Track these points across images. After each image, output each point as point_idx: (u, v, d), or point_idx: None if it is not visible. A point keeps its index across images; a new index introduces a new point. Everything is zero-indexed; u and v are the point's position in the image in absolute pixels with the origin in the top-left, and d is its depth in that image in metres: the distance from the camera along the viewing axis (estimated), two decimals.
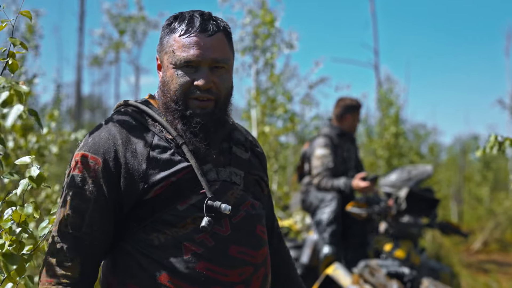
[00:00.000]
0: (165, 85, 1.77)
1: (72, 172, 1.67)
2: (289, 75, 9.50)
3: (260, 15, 6.49)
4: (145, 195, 1.66)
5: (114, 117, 1.78)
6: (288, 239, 5.60)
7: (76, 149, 1.74)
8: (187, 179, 1.70)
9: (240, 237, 1.72)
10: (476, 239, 11.90)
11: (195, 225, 1.66)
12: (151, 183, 1.66)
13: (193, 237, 1.66)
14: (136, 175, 1.67)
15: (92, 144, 1.69)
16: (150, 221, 1.67)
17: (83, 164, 1.67)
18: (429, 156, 14.16)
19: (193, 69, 1.73)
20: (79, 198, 1.64)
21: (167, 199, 1.67)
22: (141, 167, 1.68)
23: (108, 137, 1.70)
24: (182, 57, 1.72)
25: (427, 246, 9.23)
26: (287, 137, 9.55)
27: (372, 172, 10.26)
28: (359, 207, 4.85)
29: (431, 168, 5.23)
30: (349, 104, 5.31)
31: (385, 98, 10.18)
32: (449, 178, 15.78)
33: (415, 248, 4.80)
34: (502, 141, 2.63)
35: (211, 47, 1.73)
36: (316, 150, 5.20)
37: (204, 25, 1.74)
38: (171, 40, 1.75)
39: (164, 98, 1.77)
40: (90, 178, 1.66)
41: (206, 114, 1.74)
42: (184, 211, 1.67)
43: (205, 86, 1.72)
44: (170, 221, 1.66)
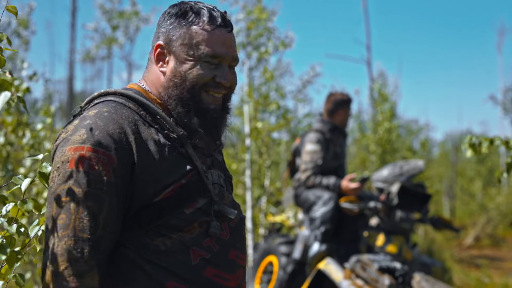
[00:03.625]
0: (177, 76, 1.68)
1: (79, 168, 1.50)
2: (282, 72, 9.52)
3: (254, 12, 6.49)
4: (155, 197, 1.57)
5: (111, 108, 1.62)
6: (281, 235, 5.61)
7: (67, 140, 1.54)
8: (193, 182, 1.63)
9: (236, 241, 1.71)
10: (468, 234, 11.95)
11: (201, 229, 1.62)
12: (162, 185, 1.58)
13: (200, 242, 1.61)
14: (149, 175, 1.57)
15: (101, 138, 1.53)
16: (155, 225, 1.58)
17: (95, 161, 1.51)
18: (421, 151, 14.20)
19: (214, 65, 1.68)
20: (93, 199, 1.49)
21: (175, 203, 1.59)
22: (153, 167, 1.58)
23: (119, 131, 1.56)
24: (207, 51, 1.66)
25: (419, 241, 9.27)
26: (279, 134, 9.56)
27: (364, 168, 10.28)
28: (351, 202, 4.86)
29: (423, 164, 5.25)
30: (340, 99, 5.33)
31: (379, 94, 10.19)
32: (441, 173, 15.83)
33: (407, 243, 4.82)
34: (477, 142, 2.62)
35: (231, 44, 1.71)
36: (307, 146, 5.21)
37: (225, 20, 1.71)
38: (192, 31, 1.67)
39: (177, 89, 1.68)
40: (104, 177, 1.51)
41: (218, 110, 1.71)
42: (191, 215, 1.60)
43: (227, 83, 1.70)
44: (177, 225, 1.59)
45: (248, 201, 6.31)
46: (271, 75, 7.00)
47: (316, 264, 4.88)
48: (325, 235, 4.91)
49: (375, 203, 4.80)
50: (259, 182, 7.10)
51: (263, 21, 6.51)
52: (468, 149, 2.62)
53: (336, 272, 4.67)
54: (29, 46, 8.80)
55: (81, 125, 1.56)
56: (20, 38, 8.54)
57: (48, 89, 11.80)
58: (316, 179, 5.07)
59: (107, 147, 1.52)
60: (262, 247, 5.57)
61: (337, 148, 5.33)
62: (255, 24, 6.49)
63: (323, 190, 5.05)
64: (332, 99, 5.37)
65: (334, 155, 5.30)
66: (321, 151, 5.15)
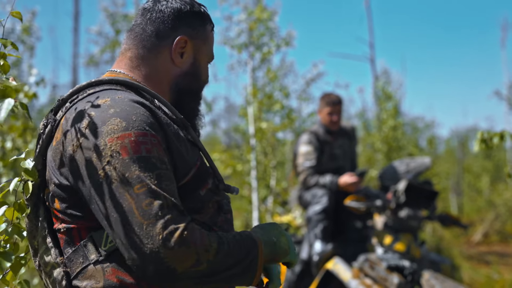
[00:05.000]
0: (195, 73, 1.79)
1: (138, 153, 1.43)
2: (286, 71, 9.50)
3: (255, 12, 6.47)
4: (181, 180, 1.55)
5: (120, 93, 1.56)
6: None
7: (100, 133, 1.44)
8: (202, 164, 1.64)
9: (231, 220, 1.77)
10: (476, 231, 11.90)
11: (214, 209, 1.65)
12: (188, 168, 1.57)
13: (216, 221, 1.65)
14: (180, 157, 1.55)
15: (141, 121, 1.48)
16: None
17: (149, 144, 1.46)
18: (428, 148, 14.16)
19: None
20: (166, 179, 1.45)
21: (193, 185, 1.59)
22: (178, 149, 1.55)
23: (148, 115, 1.51)
24: (212, 54, 1.83)
25: (427, 238, 9.23)
26: (284, 133, 9.55)
27: (370, 166, 10.26)
28: (358, 201, 4.84)
29: (429, 160, 5.23)
30: (325, 98, 5.33)
31: (382, 91, 10.17)
32: (448, 170, 15.78)
33: (415, 241, 4.79)
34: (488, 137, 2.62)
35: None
36: (300, 147, 5.24)
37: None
38: (208, 32, 1.81)
39: (192, 84, 1.78)
40: (163, 157, 1.47)
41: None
42: (205, 196, 1.62)
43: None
44: (195, 207, 1.59)
45: (254, 201, 6.29)
46: (275, 75, 6.99)
47: (323, 265, 4.86)
48: (324, 232, 4.90)
49: (382, 201, 4.78)
50: (265, 182, 7.08)
51: (264, 21, 6.50)
52: (480, 144, 2.61)
53: (345, 271, 4.65)
54: (34, 52, 8.81)
55: (108, 115, 1.47)
56: (24, 44, 8.54)
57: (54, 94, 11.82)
58: (312, 179, 5.08)
59: (151, 128, 1.48)
60: None
61: (335, 149, 5.31)
62: (257, 24, 6.48)
63: (320, 189, 5.05)
64: (320, 99, 5.41)
65: (331, 156, 5.29)
66: (314, 152, 5.15)
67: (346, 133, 5.45)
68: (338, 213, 5.14)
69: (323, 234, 4.89)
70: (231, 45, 6.65)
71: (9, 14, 1.61)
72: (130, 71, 1.72)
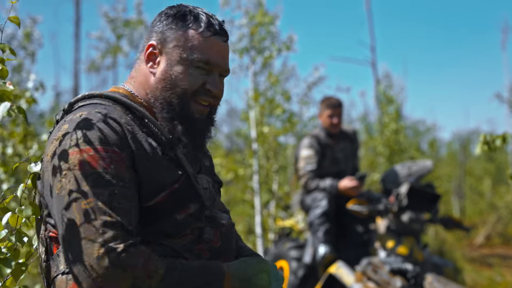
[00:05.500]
0: (167, 80, 1.64)
1: (93, 169, 1.43)
2: (288, 75, 9.50)
3: (257, 16, 6.48)
4: (149, 201, 1.52)
5: (102, 109, 1.56)
6: (290, 239, 5.59)
7: (66, 145, 1.47)
8: (184, 187, 1.59)
9: (227, 248, 1.68)
10: (478, 234, 11.89)
11: (193, 236, 1.58)
12: (157, 189, 1.53)
13: (192, 249, 1.58)
14: (145, 177, 1.52)
15: (105, 136, 1.48)
16: (145, 231, 1.53)
17: (108, 160, 1.45)
18: (429, 151, 14.15)
19: (205, 72, 1.65)
20: (118, 197, 1.43)
21: (168, 208, 1.55)
22: (149, 168, 1.53)
23: (118, 130, 1.51)
24: (201, 57, 1.63)
25: (430, 241, 9.22)
26: (286, 137, 9.55)
27: (372, 170, 10.26)
28: (360, 205, 4.84)
29: (431, 164, 5.23)
30: (325, 102, 5.35)
31: (384, 95, 10.17)
32: (450, 173, 15.76)
33: (417, 244, 4.79)
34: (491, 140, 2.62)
35: (225, 54, 1.70)
36: (301, 151, 5.25)
37: (222, 30, 1.69)
38: (189, 35, 1.64)
39: (165, 93, 1.64)
40: (121, 173, 1.46)
41: (203, 120, 1.68)
42: (182, 221, 1.56)
43: (217, 92, 1.67)
44: (168, 231, 1.55)
45: (256, 206, 6.29)
46: (276, 79, 6.99)
47: (326, 268, 4.86)
48: (326, 235, 4.90)
49: (384, 204, 4.78)
50: (267, 187, 7.08)
51: (266, 25, 6.51)
52: (482, 146, 2.61)
53: (347, 275, 4.65)
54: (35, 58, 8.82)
55: (78, 127, 1.49)
56: (25, 50, 8.56)
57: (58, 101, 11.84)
58: (313, 183, 5.08)
59: (114, 144, 1.48)
60: (272, 252, 5.56)
61: (336, 153, 5.32)
62: (258, 28, 6.49)
63: (320, 193, 5.05)
64: (320, 102, 5.43)
65: (333, 160, 5.30)
66: (315, 156, 5.16)
67: (347, 136, 5.45)
68: (340, 217, 5.14)
69: (326, 237, 4.89)
70: (233, 49, 6.66)
71: (7, 19, 1.62)
72: (131, 84, 1.72)
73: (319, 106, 5.48)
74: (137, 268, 1.39)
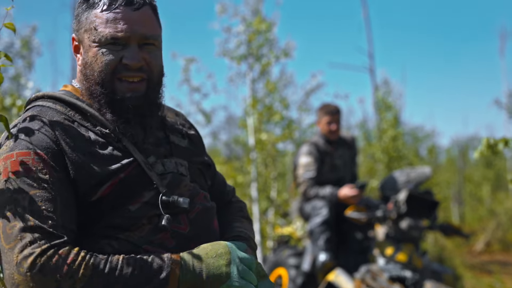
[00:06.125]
0: (87, 67, 1.57)
1: (16, 175, 1.40)
2: (286, 82, 9.50)
3: (254, 23, 6.49)
4: (92, 195, 1.47)
5: (35, 112, 1.53)
6: (289, 247, 5.58)
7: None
8: (135, 175, 1.53)
9: (199, 234, 1.59)
10: (478, 240, 11.86)
11: (151, 225, 1.51)
12: (98, 181, 1.47)
13: (152, 239, 1.51)
14: (81, 174, 1.46)
15: (28, 140, 1.45)
16: (97, 227, 1.49)
17: (30, 163, 1.42)
18: (428, 158, 14.14)
19: (120, 47, 1.55)
20: (41, 200, 1.39)
21: (116, 200, 1.49)
22: (85, 162, 1.47)
23: (45, 131, 1.47)
24: (107, 33, 1.53)
25: (429, 248, 9.20)
26: (285, 144, 9.54)
27: (371, 177, 10.24)
28: (358, 212, 4.82)
29: (429, 170, 5.22)
30: (323, 109, 5.36)
31: (382, 102, 10.17)
32: (449, 179, 15.74)
33: (416, 251, 4.77)
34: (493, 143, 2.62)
35: (139, 21, 1.56)
36: (300, 158, 5.25)
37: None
38: (92, 15, 1.56)
39: (87, 82, 1.58)
40: (45, 175, 1.42)
41: (139, 97, 1.57)
42: (136, 211, 1.50)
43: (135, 64, 1.55)
44: (122, 224, 1.49)
45: (255, 213, 6.28)
46: (274, 86, 6.99)
47: (325, 275, 4.84)
48: (327, 243, 4.89)
49: (383, 211, 4.77)
50: (266, 194, 7.07)
51: (263, 32, 6.51)
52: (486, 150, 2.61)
53: (346, 283, 4.63)
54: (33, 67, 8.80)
55: (5, 136, 1.49)
56: (23, 59, 8.55)
57: None
58: (312, 191, 5.08)
59: (37, 147, 1.44)
60: (271, 259, 5.54)
61: (335, 160, 5.32)
62: (256, 35, 6.49)
63: (320, 201, 5.04)
64: (318, 109, 5.44)
65: (332, 167, 5.30)
66: (314, 163, 5.15)
67: (346, 143, 5.45)
68: (339, 224, 5.13)
69: (326, 246, 4.88)
70: (231, 56, 6.66)
71: (2, 26, 1.60)
72: (76, 80, 1.68)
73: (317, 113, 5.48)
74: (58, 270, 1.33)
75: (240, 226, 1.78)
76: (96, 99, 1.57)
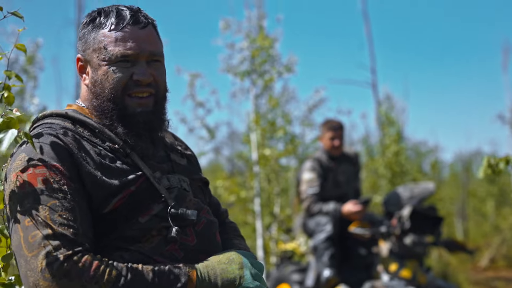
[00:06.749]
0: (96, 85, 1.62)
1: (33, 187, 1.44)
2: (288, 98, 9.52)
3: (257, 39, 6.52)
4: (104, 208, 1.52)
5: (46, 128, 1.57)
6: (293, 262, 5.55)
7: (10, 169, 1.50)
8: (144, 189, 1.58)
9: (205, 246, 1.64)
10: (482, 256, 11.80)
11: (161, 237, 1.57)
12: (110, 193, 1.52)
13: (162, 250, 1.56)
14: (95, 184, 1.51)
15: (44, 154, 1.49)
16: (109, 239, 1.53)
17: (47, 175, 1.46)
18: (431, 173, 14.09)
19: (129, 64, 1.61)
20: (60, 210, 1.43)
21: (127, 212, 1.54)
22: (97, 175, 1.52)
23: (59, 146, 1.51)
24: (117, 52, 1.59)
25: (433, 264, 9.15)
26: (288, 160, 9.54)
27: (374, 192, 10.22)
28: (362, 227, 4.81)
29: (433, 186, 5.21)
30: (326, 124, 5.37)
31: (385, 117, 10.17)
32: (452, 195, 15.70)
33: (421, 267, 4.75)
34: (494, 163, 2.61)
35: (146, 39, 1.63)
36: (304, 174, 5.24)
37: (136, 17, 1.63)
38: (100, 35, 1.62)
39: (97, 100, 1.63)
40: (63, 186, 1.46)
41: (148, 112, 1.64)
42: (146, 223, 1.55)
43: (146, 80, 1.61)
44: (133, 236, 1.54)
45: (258, 229, 6.26)
46: (277, 102, 7.00)
47: None
48: (331, 259, 4.87)
49: (387, 227, 4.75)
50: (269, 209, 7.05)
51: (266, 48, 6.54)
52: (486, 169, 2.60)
53: None
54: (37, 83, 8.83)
55: (19, 151, 1.52)
56: (27, 74, 8.58)
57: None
58: (316, 207, 5.06)
59: (53, 159, 1.48)
60: (274, 275, 5.52)
61: (338, 176, 5.31)
62: (259, 51, 6.52)
63: (324, 217, 5.03)
64: (321, 125, 5.45)
65: (335, 183, 5.29)
66: (317, 179, 5.15)
67: (349, 159, 5.45)
68: (343, 240, 5.11)
69: (331, 262, 4.86)
70: (234, 72, 6.68)
71: (13, 47, 1.64)
72: (81, 99, 1.72)
73: (320, 129, 5.48)
74: (85, 276, 1.37)
75: (240, 243, 1.85)
76: (108, 115, 1.62)
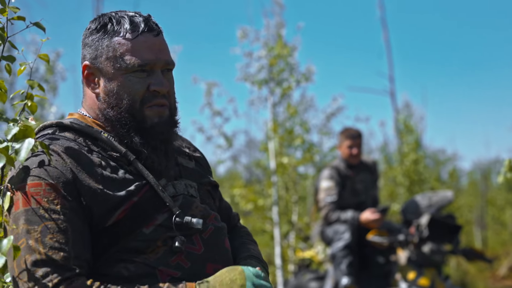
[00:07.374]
0: (111, 96, 1.57)
1: (26, 206, 1.41)
2: (306, 106, 9.54)
3: (276, 48, 6.55)
4: (107, 220, 1.47)
5: (45, 141, 1.52)
6: (310, 270, 5.57)
7: (6, 187, 1.47)
8: (148, 198, 1.53)
9: (213, 254, 1.60)
10: (501, 265, 11.69)
11: (167, 247, 1.52)
12: (112, 206, 1.48)
13: (168, 261, 1.51)
14: (95, 199, 1.47)
15: (39, 171, 1.45)
16: (113, 251, 1.49)
17: (41, 194, 1.42)
18: (450, 181, 14.01)
19: (146, 73, 1.56)
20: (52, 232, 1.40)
21: (131, 223, 1.49)
22: (99, 188, 1.47)
23: (56, 160, 1.47)
24: (134, 61, 1.54)
25: (452, 273, 9.10)
26: (306, 168, 9.55)
27: (392, 200, 10.19)
28: (380, 236, 4.81)
29: (451, 194, 5.20)
30: (345, 133, 5.38)
31: (404, 125, 10.15)
32: (471, 203, 15.58)
33: (439, 276, 4.74)
34: None
35: (161, 48, 1.59)
36: (322, 183, 5.25)
37: (149, 25, 1.58)
38: (113, 43, 1.56)
39: (113, 110, 1.57)
40: (56, 206, 1.42)
41: (164, 122, 1.60)
42: (151, 234, 1.51)
43: (164, 90, 1.58)
44: (138, 247, 1.49)
45: (276, 237, 6.28)
46: (295, 110, 7.02)
47: None
48: (349, 268, 4.87)
49: (405, 235, 4.75)
50: (287, 217, 7.06)
51: (284, 57, 6.56)
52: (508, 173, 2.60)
53: None
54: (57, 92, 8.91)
55: (17, 167, 1.48)
56: (48, 83, 8.67)
57: None
58: (334, 215, 5.07)
59: (48, 177, 1.44)
60: (292, 283, 5.53)
61: (356, 184, 5.32)
62: (277, 60, 6.55)
63: (342, 225, 5.04)
64: (340, 133, 5.46)
65: (353, 191, 5.30)
66: (335, 187, 5.16)
67: (367, 167, 5.45)
68: (361, 248, 5.12)
69: (349, 270, 4.87)
70: (252, 81, 6.71)
71: (36, 57, 1.66)
72: (84, 108, 1.68)
73: (338, 137, 5.50)
74: None
75: (253, 248, 1.80)
76: (124, 126, 1.57)
